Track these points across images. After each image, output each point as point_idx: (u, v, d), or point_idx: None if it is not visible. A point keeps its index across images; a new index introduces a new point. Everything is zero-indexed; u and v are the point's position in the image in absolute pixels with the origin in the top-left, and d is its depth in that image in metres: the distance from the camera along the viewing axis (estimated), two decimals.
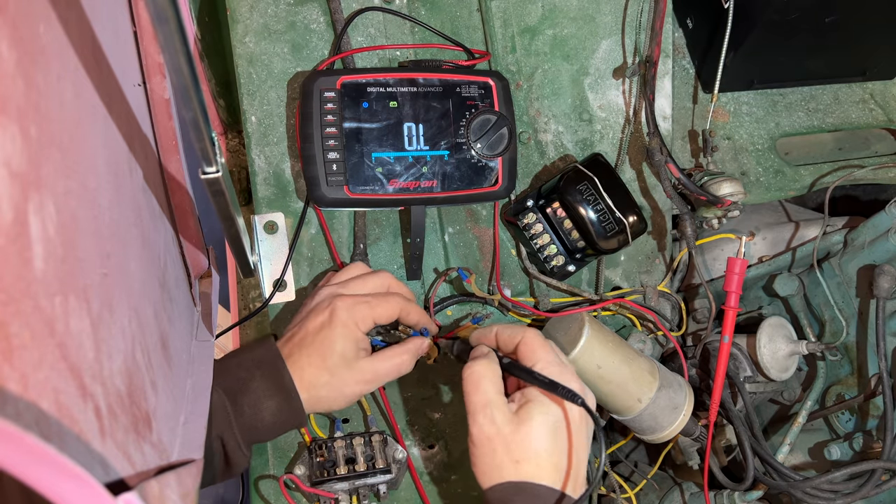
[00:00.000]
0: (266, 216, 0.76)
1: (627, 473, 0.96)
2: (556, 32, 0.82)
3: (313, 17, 0.76)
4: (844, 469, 0.76)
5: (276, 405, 0.64)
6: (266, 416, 0.64)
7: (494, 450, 0.57)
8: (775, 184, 0.93)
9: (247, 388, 0.64)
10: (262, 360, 0.65)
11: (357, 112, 0.71)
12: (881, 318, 0.77)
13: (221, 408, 0.62)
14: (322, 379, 0.65)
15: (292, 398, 0.64)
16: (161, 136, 0.58)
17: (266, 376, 0.64)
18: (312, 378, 0.65)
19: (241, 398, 0.64)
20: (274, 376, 0.64)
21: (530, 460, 0.56)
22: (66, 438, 0.31)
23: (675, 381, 0.77)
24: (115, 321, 0.41)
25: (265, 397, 0.64)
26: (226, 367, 0.65)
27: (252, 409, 0.64)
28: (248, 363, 0.65)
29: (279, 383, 0.64)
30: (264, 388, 0.64)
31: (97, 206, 0.41)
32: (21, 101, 0.31)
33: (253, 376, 0.64)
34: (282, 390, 0.64)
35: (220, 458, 0.64)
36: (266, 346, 0.67)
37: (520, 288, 0.83)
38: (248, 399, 0.64)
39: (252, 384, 0.64)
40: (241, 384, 0.64)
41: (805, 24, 0.83)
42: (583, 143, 0.84)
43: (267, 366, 0.65)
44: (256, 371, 0.65)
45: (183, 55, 0.38)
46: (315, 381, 0.65)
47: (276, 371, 0.65)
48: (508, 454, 0.57)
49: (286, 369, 0.65)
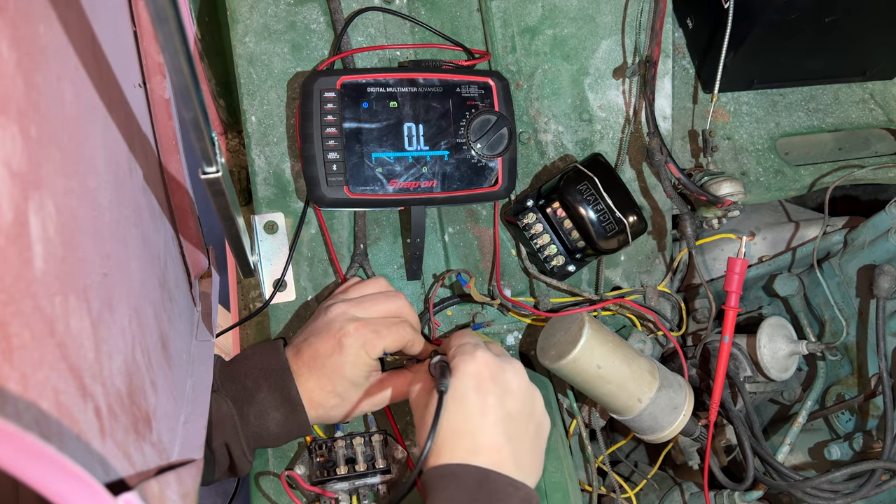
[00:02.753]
0: (266, 216, 0.76)
1: (627, 473, 0.96)
2: (556, 32, 0.82)
3: (313, 17, 0.76)
4: (844, 469, 0.76)
5: (281, 416, 0.65)
6: (271, 427, 0.65)
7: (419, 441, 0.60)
8: (775, 184, 0.93)
9: (253, 398, 0.65)
10: (269, 371, 0.66)
11: (357, 112, 0.71)
12: (881, 318, 0.77)
13: (229, 416, 0.63)
14: (331, 402, 0.67)
15: (298, 411, 0.65)
16: (161, 136, 0.58)
17: (273, 388, 0.65)
18: (322, 400, 0.66)
19: (248, 408, 0.64)
20: (280, 388, 0.65)
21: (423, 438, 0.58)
22: (66, 438, 0.31)
23: (675, 381, 0.77)
24: (115, 321, 0.41)
25: (271, 408, 0.65)
26: (234, 375, 0.66)
27: (258, 419, 0.65)
28: (255, 372, 0.66)
29: (286, 395, 0.65)
30: (270, 400, 0.65)
31: (97, 206, 0.41)
32: (21, 101, 0.31)
33: (260, 387, 0.65)
34: (287, 402, 0.65)
35: (226, 464, 0.64)
36: (275, 356, 0.67)
37: (520, 288, 0.83)
38: (255, 409, 0.65)
39: (259, 395, 0.65)
40: (247, 394, 0.65)
41: (805, 23, 0.83)
42: (583, 143, 0.84)
43: (274, 377, 0.66)
44: (263, 382, 0.65)
45: (183, 55, 0.38)
46: (324, 402, 0.66)
47: (282, 383, 0.65)
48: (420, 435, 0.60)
49: (293, 382, 0.65)
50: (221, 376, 0.66)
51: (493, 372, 0.59)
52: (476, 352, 0.60)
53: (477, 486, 0.55)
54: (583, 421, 0.83)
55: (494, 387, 0.59)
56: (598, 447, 0.84)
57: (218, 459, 0.64)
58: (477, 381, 0.59)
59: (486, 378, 0.59)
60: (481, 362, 0.59)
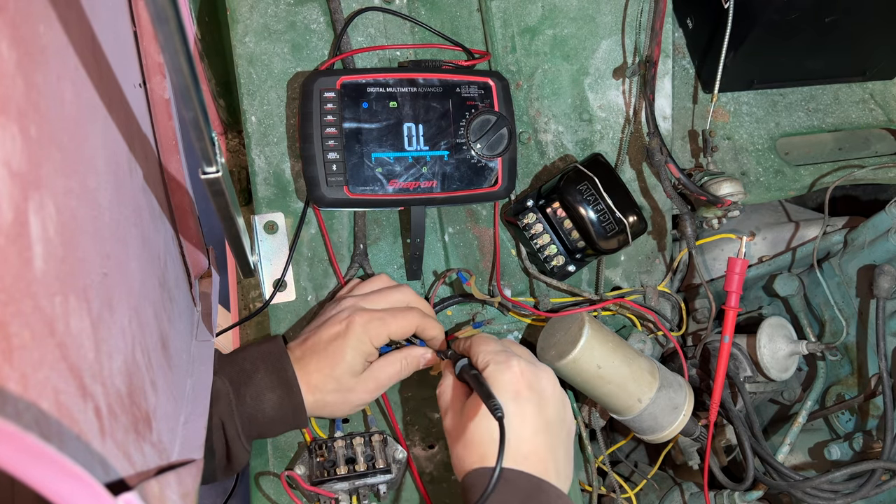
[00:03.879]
0: (266, 216, 0.76)
1: (627, 473, 0.96)
2: (556, 32, 0.82)
3: (313, 17, 0.76)
4: (844, 469, 0.76)
5: (277, 398, 0.65)
6: (267, 409, 0.65)
7: (452, 443, 0.61)
8: (775, 184, 0.93)
9: (250, 379, 0.66)
10: (267, 355, 0.67)
11: (357, 112, 0.71)
12: (881, 318, 0.77)
13: (225, 394, 0.64)
14: (329, 386, 0.67)
15: (294, 393, 0.65)
16: (161, 136, 0.58)
17: (270, 370, 0.66)
18: (319, 383, 0.67)
19: (244, 389, 0.65)
20: (277, 370, 0.66)
21: (474, 440, 0.59)
22: (66, 438, 0.31)
23: (675, 381, 0.77)
24: (115, 321, 0.41)
25: (267, 389, 0.65)
26: (232, 359, 0.67)
27: (254, 399, 0.65)
28: (253, 356, 0.67)
29: (282, 377, 0.66)
30: (267, 381, 0.65)
31: (97, 206, 0.41)
32: (21, 101, 0.31)
33: (257, 368, 0.66)
34: (284, 384, 0.65)
35: (222, 448, 0.64)
36: (273, 342, 0.69)
37: (520, 288, 0.83)
38: (251, 390, 0.65)
39: (256, 376, 0.66)
40: (245, 376, 0.66)
41: (805, 23, 0.83)
42: (583, 143, 0.84)
43: (272, 360, 0.67)
44: (261, 364, 0.66)
45: (183, 55, 0.38)
46: (321, 386, 0.67)
47: (279, 365, 0.66)
48: (459, 440, 0.60)
49: (290, 364, 0.66)
50: (220, 362, 0.67)
51: (529, 381, 0.60)
52: (511, 360, 0.60)
53: (527, 496, 0.55)
54: (583, 421, 0.83)
55: (532, 395, 0.59)
56: (598, 447, 0.84)
57: (214, 444, 0.64)
58: (515, 390, 0.59)
59: (524, 387, 0.59)
60: (517, 371, 0.60)
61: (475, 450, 0.59)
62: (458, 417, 0.61)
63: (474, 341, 0.65)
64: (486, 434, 0.58)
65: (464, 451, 0.60)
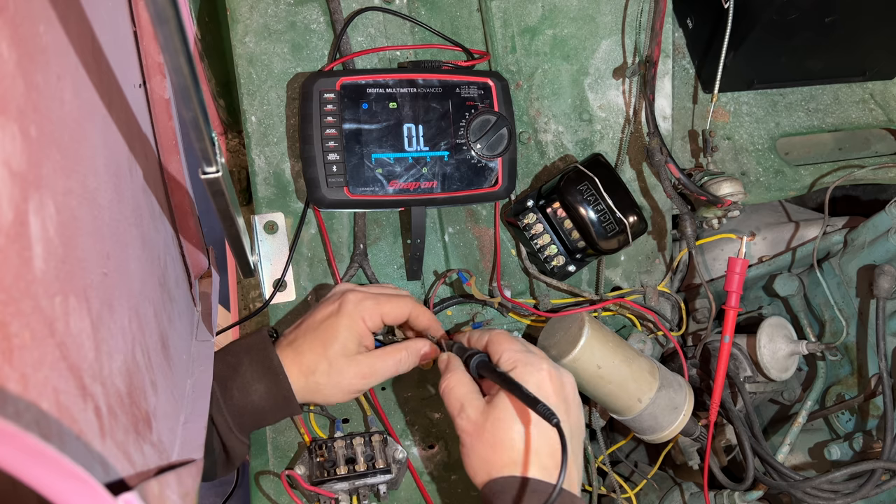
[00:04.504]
0: (266, 216, 0.76)
1: (627, 473, 0.96)
2: (556, 32, 0.82)
3: (313, 18, 0.76)
4: (844, 469, 0.76)
5: (264, 388, 0.65)
6: (255, 399, 0.65)
7: (473, 443, 0.58)
8: (775, 184, 0.93)
9: (236, 372, 0.65)
10: (251, 346, 0.66)
11: (357, 113, 0.71)
12: (881, 318, 0.77)
13: (211, 390, 0.63)
14: (321, 366, 0.65)
15: (280, 380, 0.65)
16: (161, 136, 0.58)
17: (254, 360, 0.65)
18: (311, 363, 0.65)
19: (230, 382, 0.65)
20: (262, 360, 0.65)
21: (504, 443, 0.57)
22: (66, 438, 0.31)
23: (675, 381, 0.77)
24: (115, 321, 0.41)
25: (254, 380, 0.65)
26: (217, 356, 0.66)
27: (241, 391, 0.65)
28: (236, 349, 0.66)
29: (267, 366, 0.65)
30: (252, 372, 0.65)
31: (97, 206, 0.41)
32: (21, 101, 0.31)
33: (241, 361, 0.65)
34: (269, 373, 0.65)
35: (217, 442, 0.64)
36: (256, 334, 0.68)
37: (520, 288, 0.83)
38: (238, 383, 0.65)
39: (241, 369, 0.65)
40: (230, 369, 0.65)
41: (805, 24, 0.83)
42: (583, 143, 0.84)
43: (255, 351, 0.66)
44: (244, 356, 0.66)
45: (183, 55, 0.38)
46: (313, 366, 0.65)
47: (264, 355, 0.65)
48: (484, 441, 0.57)
49: (274, 352, 0.65)
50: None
51: (555, 386, 0.59)
52: (542, 364, 0.59)
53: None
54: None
55: (559, 401, 0.58)
56: (598, 447, 0.84)
57: (208, 440, 0.63)
58: (544, 395, 0.57)
59: (552, 392, 0.58)
60: (545, 376, 0.58)
61: (505, 454, 0.56)
62: (480, 416, 0.58)
63: (494, 338, 0.63)
64: (519, 438, 0.56)
65: (490, 453, 0.57)
